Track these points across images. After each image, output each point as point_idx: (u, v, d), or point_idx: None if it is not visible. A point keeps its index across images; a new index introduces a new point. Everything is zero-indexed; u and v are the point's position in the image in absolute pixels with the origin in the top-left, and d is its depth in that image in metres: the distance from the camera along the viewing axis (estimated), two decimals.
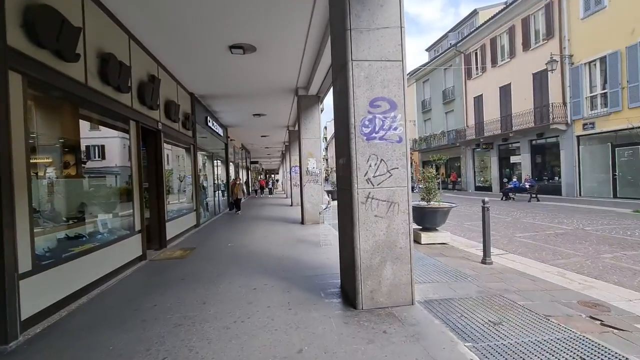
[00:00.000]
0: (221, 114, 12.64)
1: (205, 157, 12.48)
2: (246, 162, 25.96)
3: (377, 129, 3.29)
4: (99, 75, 4.47)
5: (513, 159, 19.83)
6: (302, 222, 9.49)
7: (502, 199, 16.22)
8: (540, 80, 17.23)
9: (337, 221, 4.05)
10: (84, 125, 6.19)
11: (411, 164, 32.79)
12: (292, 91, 9.83)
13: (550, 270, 4.66)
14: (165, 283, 4.40)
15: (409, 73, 31.17)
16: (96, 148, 6.85)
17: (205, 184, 12.36)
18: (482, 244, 5.07)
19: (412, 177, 25.85)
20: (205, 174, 12.56)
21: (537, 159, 18.35)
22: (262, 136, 19.05)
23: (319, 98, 9.58)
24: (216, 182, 13.29)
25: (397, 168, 3.33)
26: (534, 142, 18.16)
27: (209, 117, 11.39)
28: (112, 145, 6.78)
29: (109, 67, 4.56)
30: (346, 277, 3.66)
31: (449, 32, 27.11)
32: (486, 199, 5.04)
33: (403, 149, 3.34)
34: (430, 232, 6.67)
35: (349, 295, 3.53)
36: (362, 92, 3.27)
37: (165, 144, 7.74)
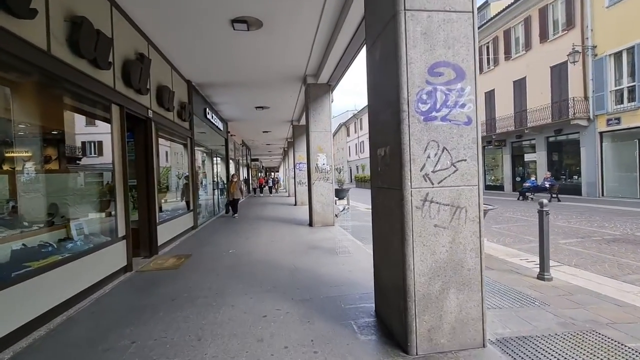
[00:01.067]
0: (221, 106, 11.71)
1: (205, 154, 11.57)
2: (247, 159, 25.04)
3: (438, 106, 2.38)
4: (68, 43, 3.55)
5: (527, 157, 18.91)
6: (311, 224, 8.59)
7: (518, 198, 15.33)
8: (559, 73, 16.29)
9: (349, 223, 3.16)
10: (79, 119, 5.31)
11: None
12: (299, 79, 8.90)
13: (630, 289, 3.76)
14: (151, 306, 3.49)
15: None
16: (93, 144, 5.89)
17: (204, 182, 11.46)
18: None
19: None
20: (205, 172, 11.66)
21: (553, 157, 17.44)
22: (264, 132, 18.14)
23: (329, 87, 8.65)
24: (216, 180, 12.34)
25: (465, 160, 2.42)
26: (551, 138, 17.24)
27: (208, 110, 10.46)
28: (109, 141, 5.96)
29: (81, 35, 3.63)
30: (387, 305, 2.76)
31: None
32: (544, 201, 4.14)
33: (473, 133, 2.43)
34: None
35: (393, 332, 2.63)
36: (418, 54, 2.35)
37: (160, 138, 6.85)
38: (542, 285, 3.88)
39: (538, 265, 4.77)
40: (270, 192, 24.74)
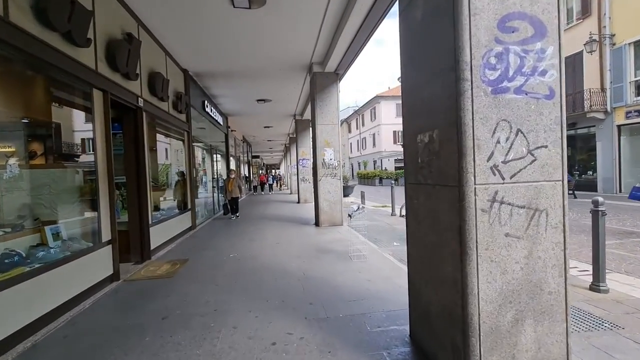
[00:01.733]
0: (221, 98, 11.09)
1: (204, 150, 10.96)
2: (247, 156, 24.42)
3: (511, 74, 1.76)
4: (33, 11, 2.93)
5: None
6: (317, 224, 7.99)
7: None
8: (573, 64, 15.58)
9: (359, 222, 2.56)
10: (79, 115, 4.66)
11: None
12: (305, 68, 8.27)
13: None
14: (137, 327, 2.90)
15: None
16: (94, 141, 5.42)
17: (204, 179, 10.87)
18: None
19: None
20: (205, 169, 11.07)
21: (566, 152, 16.75)
22: (265, 127, 17.51)
23: (337, 76, 8.01)
24: (215, 177, 11.72)
25: (546, 146, 1.81)
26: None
27: (206, 102, 9.84)
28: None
29: (51, 2, 3.02)
30: (432, 334, 2.15)
31: None
32: (600, 199, 3.52)
33: (556, 110, 1.82)
34: None
35: None
36: (485, 2, 1.73)
37: (153, 130, 6.25)
38: (600, 299, 3.28)
39: (583, 272, 4.18)
40: (271, 190, 23.72)
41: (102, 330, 2.90)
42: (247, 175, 21.85)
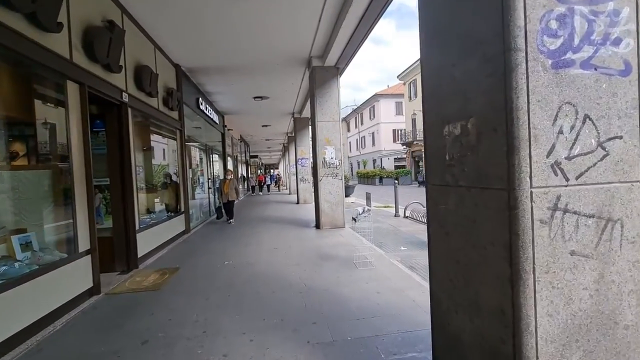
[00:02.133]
0: (216, 96, 10.66)
1: (200, 150, 10.54)
2: (245, 155, 23.99)
3: (576, 42, 1.35)
4: None
5: None
6: (318, 226, 7.59)
7: None
8: None
9: (362, 224, 2.16)
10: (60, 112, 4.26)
11: (421, 156, 31.01)
12: (303, 62, 7.85)
13: None
14: (111, 355, 2.48)
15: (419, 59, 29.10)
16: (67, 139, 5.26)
17: (201, 179, 10.46)
18: None
19: (421, 169, 23.60)
20: (202, 169, 10.65)
21: None
22: (263, 126, 17.10)
23: (337, 70, 7.60)
24: (212, 178, 11.28)
25: (620, 137, 1.40)
26: None
27: (201, 100, 9.42)
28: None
29: None
30: None
31: None
32: None
33: (633, 91, 1.41)
34: None
35: None
36: None
37: (147, 132, 5.85)
38: None
39: None
40: (269, 190, 23.13)
41: (70, 359, 2.48)
42: (245, 175, 21.40)
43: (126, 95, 4.72)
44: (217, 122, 12.27)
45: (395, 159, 38.58)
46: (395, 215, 9.29)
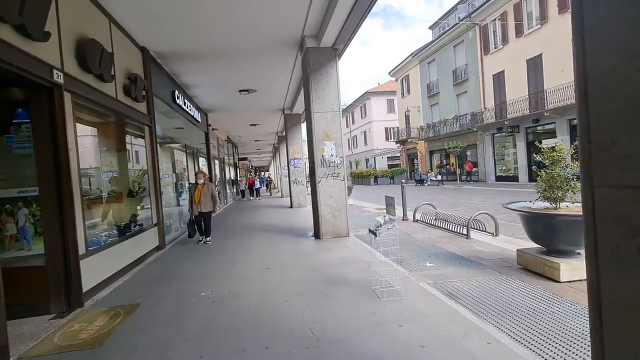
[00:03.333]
0: (196, 90, 9.43)
1: (180, 152, 9.28)
2: (233, 157, 22.69)
3: None
4: None
5: (546, 143, 17.09)
6: (318, 236, 6.45)
7: None
8: None
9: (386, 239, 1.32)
10: None
11: (416, 154, 30.07)
12: (294, 44, 6.71)
13: None
14: None
15: (412, 54, 28.30)
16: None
17: (181, 186, 9.21)
18: None
19: (417, 168, 22.69)
20: (180, 173, 9.41)
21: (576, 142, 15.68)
22: (251, 125, 15.88)
23: (335, 52, 6.47)
24: (191, 183, 9.97)
25: None
26: (574, 121, 15.43)
27: (178, 94, 8.19)
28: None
29: None
30: None
31: (458, 4, 24.21)
32: None
33: None
34: (571, 260, 3.70)
35: None
36: None
37: (99, 126, 4.65)
38: None
39: None
40: (258, 195, 19.44)
41: None
42: (233, 178, 20.06)
43: (60, 74, 3.49)
44: (199, 120, 11.03)
45: (388, 157, 37.70)
46: (403, 219, 8.20)
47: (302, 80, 7.54)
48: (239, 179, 18.88)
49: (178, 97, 8.21)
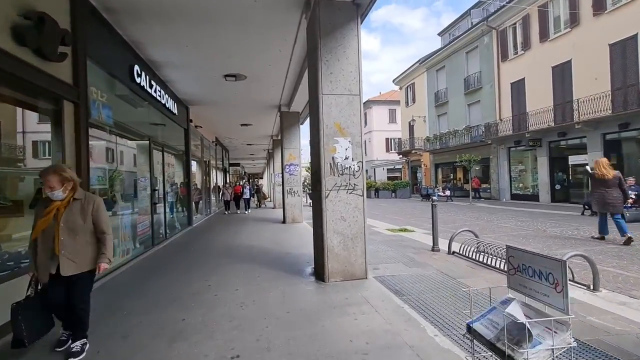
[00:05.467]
0: (170, 72, 7.38)
1: (143, 148, 7.17)
2: (223, 162, 20.56)
3: None
4: None
5: (573, 159, 15.29)
6: (321, 277, 4.36)
7: (582, 213, 11.56)
8: (622, 51, 12.78)
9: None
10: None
11: (420, 166, 28.20)
12: (299, 2, 4.74)
13: None
14: None
15: (419, 60, 26.70)
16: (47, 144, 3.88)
17: (143, 191, 7.11)
18: None
19: (420, 181, 20.43)
20: (142, 177, 7.30)
21: (612, 158, 13.86)
22: (242, 125, 13.84)
23: (358, 8, 4.49)
24: (157, 188, 7.79)
25: None
26: (609, 135, 13.65)
27: (140, 70, 6.15)
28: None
29: None
30: None
31: (471, 8, 22.72)
32: None
33: None
34: None
35: None
36: None
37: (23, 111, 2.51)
38: None
39: None
40: (248, 208, 15.47)
41: None
42: (220, 185, 17.87)
43: None
44: (176, 113, 8.97)
45: (388, 169, 35.86)
46: (432, 249, 6.14)
47: (307, 54, 5.52)
48: (225, 185, 16.58)
49: (139, 75, 6.15)
